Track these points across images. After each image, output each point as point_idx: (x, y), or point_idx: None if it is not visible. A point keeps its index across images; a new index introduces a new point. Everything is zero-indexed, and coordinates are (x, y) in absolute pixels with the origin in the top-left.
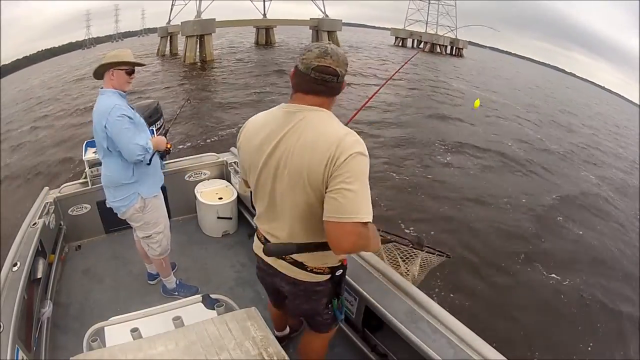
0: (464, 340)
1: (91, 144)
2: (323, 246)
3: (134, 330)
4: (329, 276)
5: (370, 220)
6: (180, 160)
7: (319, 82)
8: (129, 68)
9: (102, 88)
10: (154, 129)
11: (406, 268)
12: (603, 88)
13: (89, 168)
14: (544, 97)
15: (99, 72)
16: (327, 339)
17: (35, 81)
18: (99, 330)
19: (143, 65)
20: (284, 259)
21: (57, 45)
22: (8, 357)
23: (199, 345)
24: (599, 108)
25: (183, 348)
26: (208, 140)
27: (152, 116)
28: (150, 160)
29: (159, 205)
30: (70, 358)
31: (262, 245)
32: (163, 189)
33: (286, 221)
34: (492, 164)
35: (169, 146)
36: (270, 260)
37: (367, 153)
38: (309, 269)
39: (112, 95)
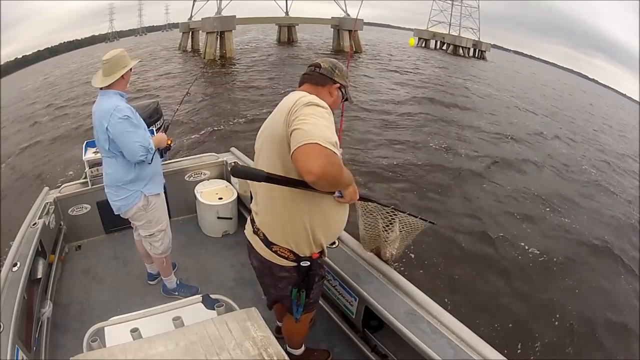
0: (464, 340)
1: (91, 144)
2: (295, 182)
3: (134, 330)
4: (293, 264)
5: (335, 152)
6: (180, 160)
7: (307, 73)
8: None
9: (101, 89)
10: (154, 129)
11: (385, 228)
12: (625, 95)
13: (89, 168)
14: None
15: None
16: (304, 322)
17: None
18: (99, 330)
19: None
20: (257, 234)
21: (79, 38)
22: (8, 357)
23: (199, 345)
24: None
25: (183, 348)
26: (216, 128)
27: (152, 116)
28: (152, 158)
29: (161, 204)
30: (70, 358)
31: (252, 229)
32: (163, 188)
33: (268, 194)
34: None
35: (169, 142)
36: (249, 236)
37: (325, 106)
38: (273, 250)
39: (112, 96)
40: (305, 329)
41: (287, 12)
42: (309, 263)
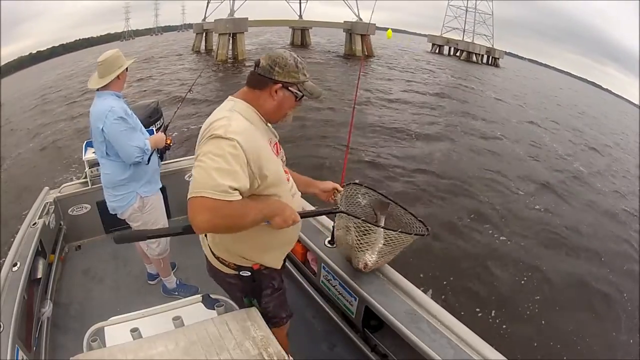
0: (464, 340)
1: (91, 144)
2: (185, 229)
3: (134, 330)
4: (235, 272)
5: (228, 199)
6: (180, 160)
7: (250, 73)
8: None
9: (98, 90)
10: (154, 129)
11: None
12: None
13: (89, 168)
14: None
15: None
16: (279, 334)
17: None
18: (99, 330)
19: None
20: (206, 238)
21: (95, 35)
22: (8, 357)
23: (199, 345)
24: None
25: (183, 348)
26: None
27: (152, 116)
28: (149, 159)
29: (157, 205)
30: (70, 358)
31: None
32: (163, 189)
33: None
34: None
35: (168, 142)
36: (201, 239)
37: (230, 136)
38: (216, 256)
39: (108, 97)
40: (283, 343)
41: (300, 15)
42: (249, 273)
